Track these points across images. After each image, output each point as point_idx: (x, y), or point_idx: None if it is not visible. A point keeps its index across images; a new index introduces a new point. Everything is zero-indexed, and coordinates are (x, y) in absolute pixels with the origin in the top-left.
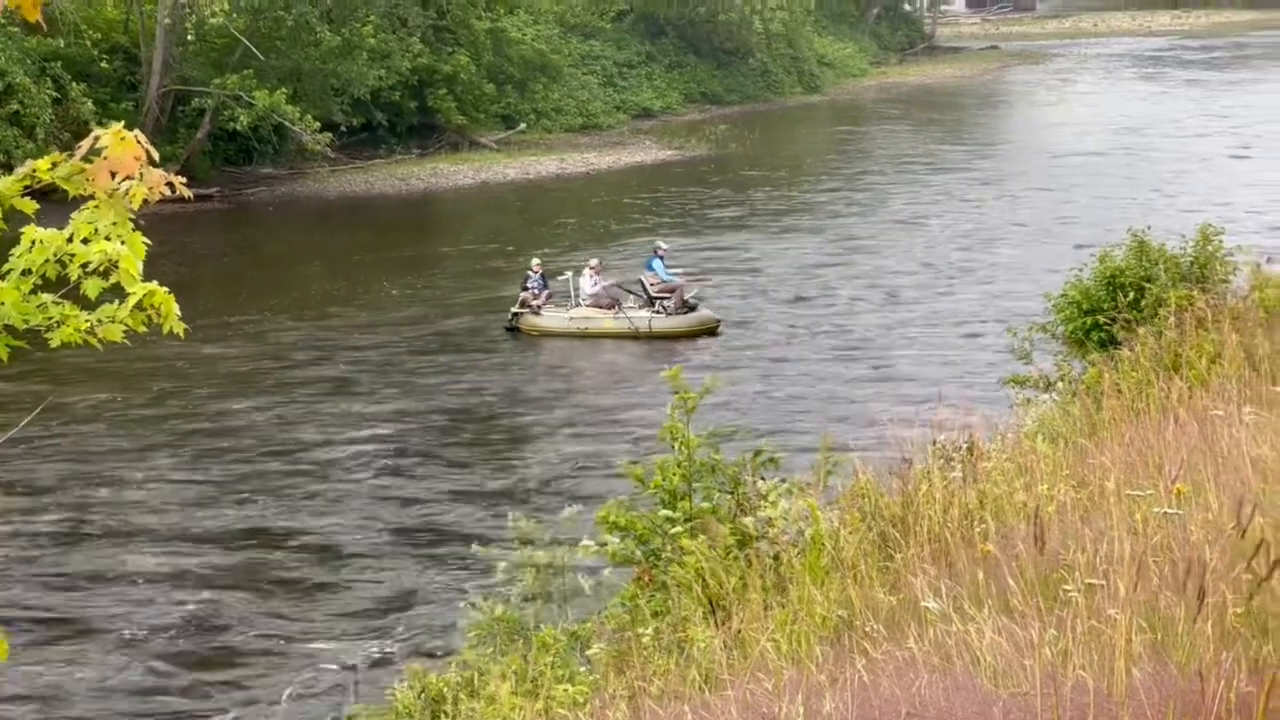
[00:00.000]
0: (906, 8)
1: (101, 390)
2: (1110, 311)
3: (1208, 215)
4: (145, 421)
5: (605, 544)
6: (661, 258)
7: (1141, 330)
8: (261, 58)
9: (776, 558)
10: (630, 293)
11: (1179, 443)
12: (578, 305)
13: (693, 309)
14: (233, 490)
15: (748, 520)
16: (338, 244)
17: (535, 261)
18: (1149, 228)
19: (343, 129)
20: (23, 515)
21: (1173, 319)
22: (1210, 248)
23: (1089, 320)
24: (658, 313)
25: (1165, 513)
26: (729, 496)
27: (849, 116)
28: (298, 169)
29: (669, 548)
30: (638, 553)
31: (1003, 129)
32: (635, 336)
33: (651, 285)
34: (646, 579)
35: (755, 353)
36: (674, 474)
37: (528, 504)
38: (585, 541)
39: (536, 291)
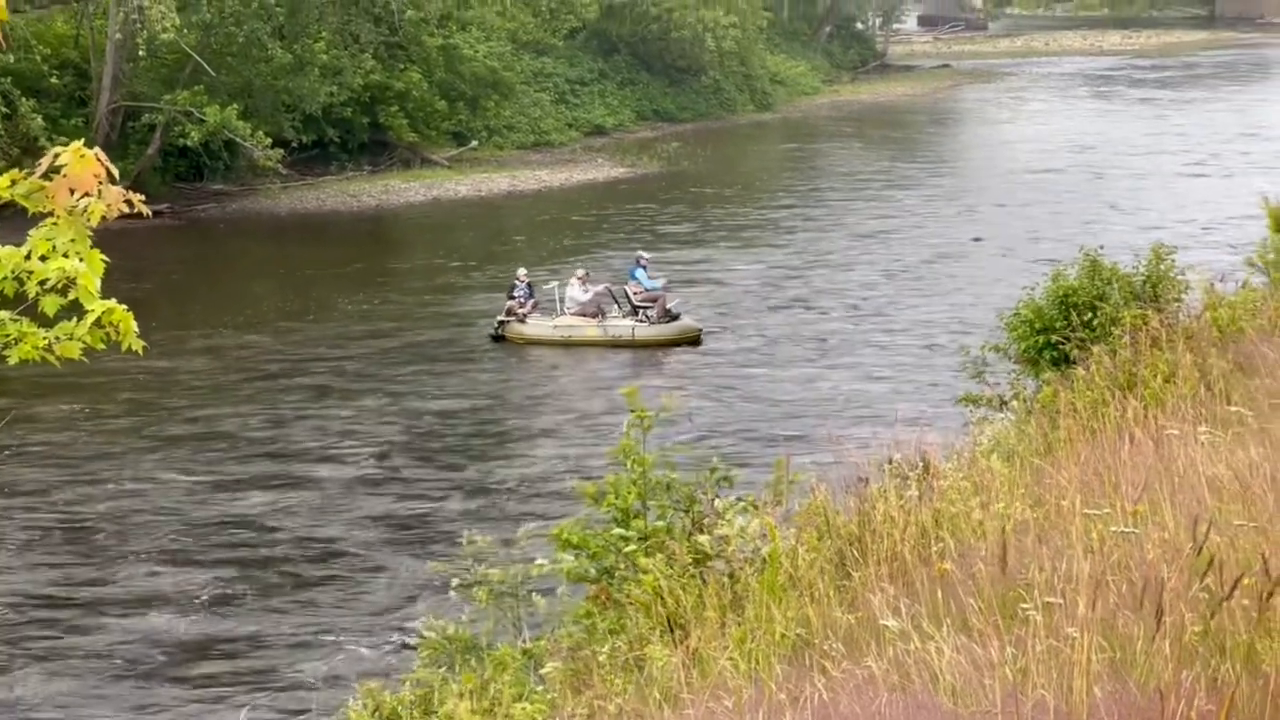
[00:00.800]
0: (859, 26)
1: (54, 403)
2: (1063, 330)
3: (1163, 233)
4: (104, 436)
5: (559, 562)
6: (644, 267)
7: (1096, 349)
8: (213, 73)
9: (732, 576)
10: (615, 301)
11: (1135, 462)
12: (563, 314)
13: (675, 318)
14: (188, 503)
15: (703, 539)
16: (290, 260)
17: (522, 271)
18: (1101, 247)
19: (294, 145)
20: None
21: (1127, 338)
22: (1162, 267)
23: (1042, 339)
24: (641, 322)
25: (1122, 532)
26: (684, 515)
27: (802, 134)
28: (249, 185)
29: (623, 565)
30: (592, 571)
31: (956, 146)
32: (619, 345)
33: (634, 294)
34: (604, 598)
35: (711, 369)
36: (628, 492)
37: (501, 515)
38: (540, 560)
39: (523, 300)
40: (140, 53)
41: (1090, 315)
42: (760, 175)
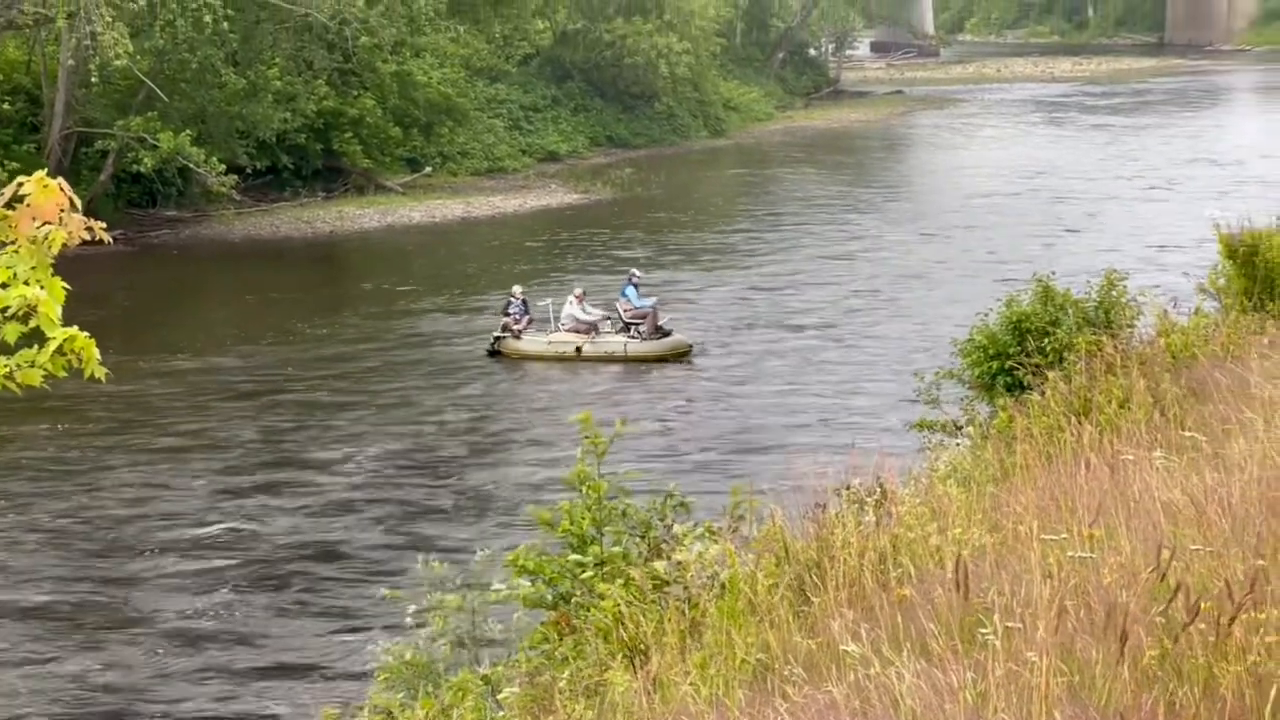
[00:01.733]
0: (811, 52)
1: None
2: (1017, 356)
3: (1117, 255)
4: (64, 458)
5: (516, 587)
6: (636, 285)
7: (1051, 375)
8: (166, 99)
9: (689, 601)
10: (608, 316)
11: (1091, 487)
12: (557, 330)
13: (666, 334)
14: (142, 526)
15: (659, 564)
16: (245, 286)
17: (517, 289)
18: (1054, 272)
19: (248, 171)
20: None
21: (1082, 364)
22: (1115, 292)
23: (996, 365)
24: (633, 338)
25: (1079, 556)
26: (640, 540)
27: (755, 160)
28: (202, 211)
29: (579, 591)
30: (548, 596)
31: (911, 172)
32: (611, 360)
33: (625, 311)
34: (564, 623)
35: (667, 394)
36: (583, 518)
37: (478, 531)
38: (497, 585)
39: (518, 317)
40: (93, 79)
41: (1044, 341)
42: (715, 200)
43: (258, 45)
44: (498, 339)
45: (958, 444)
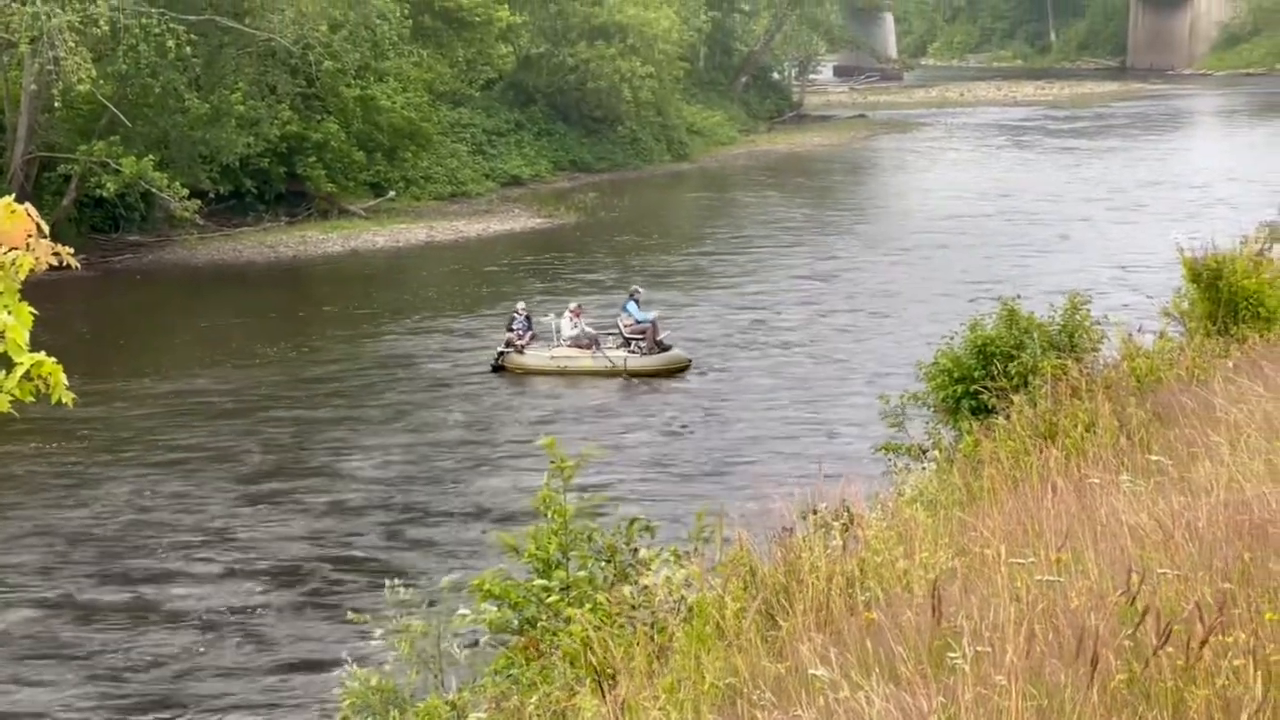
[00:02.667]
0: (775, 76)
1: None
2: (982, 380)
3: (1082, 276)
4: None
5: (482, 612)
6: (637, 300)
7: (1016, 399)
8: (129, 124)
9: (655, 625)
10: (609, 332)
11: (1058, 510)
12: (559, 345)
13: (666, 349)
14: (120, 548)
15: (626, 589)
16: (208, 310)
17: (520, 305)
18: (1018, 296)
19: (211, 196)
20: None
21: (1047, 388)
22: (1078, 316)
23: (960, 388)
24: (633, 352)
25: (1047, 580)
26: (606, 565)
27: (719, 183)
28: (166, 236)
29: (545, 616)
30: (514, 621)
31: (876, 194)
32: (612, 374)
33: (626, 326)
34: (532, 648)
35: (633, 418)
36: (549, 543)
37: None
38: (462, 610)
39: (521, 332)
40: (56, 103)
41: (1008, 365)
42: (680, 224)
43: (221, 70)
44: (502, 354)
45: (923, 468)
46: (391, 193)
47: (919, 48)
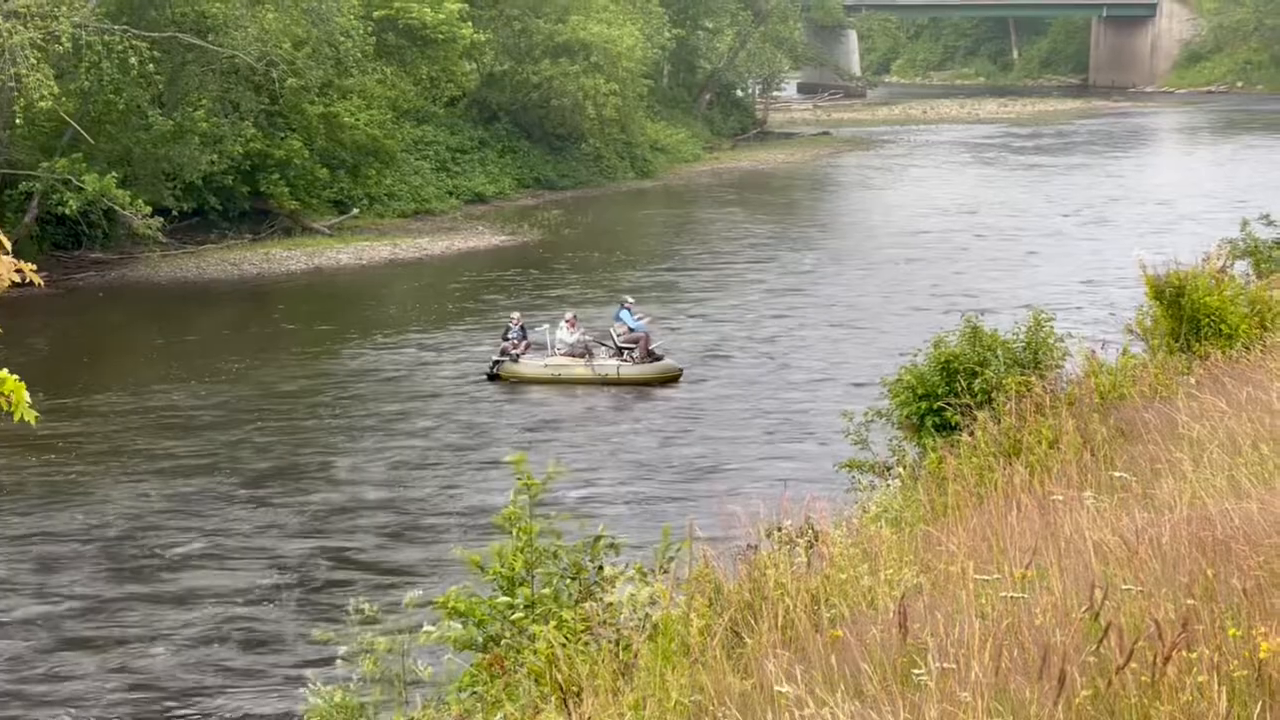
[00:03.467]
0: (739, 94)
1: None
2: (945, 397)
3: (1047, 290)
4: None
5: (447, 629)
6: (629, 310)
7: (980, 415)
8: (91, 141)
9: (619, 642)
10: (601, 344)
11: (1022, 527)
12: (553, 354)
13: (659, 359)
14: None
15: (591, 606)
16: (172, 328)
17: (515, 314)
18: (982, 313)
19: (174, 213)
20: None
21: (1011, 404)
22: (1042, 333)
23: (924, 405)
24: (626, 361)
25: (1011, 597)
26: (571, 582)
27: (683, 200)
28: (128, 254)
29: (509, 633)
30: (479, 638)
31: (840, 211)
32: (606, 383)
33: (619, 336)
34: (497, 666)
35: (596, 435)
36: (514, 560)
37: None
38: (427, 627)
39: (516, 341)
40: (17, 120)
41: (972, 381)
42: (643, 241)
43: (184, 87)
44: (496, 363)
45: (888, 484)
46: (355, 210)
47: (882, 65)
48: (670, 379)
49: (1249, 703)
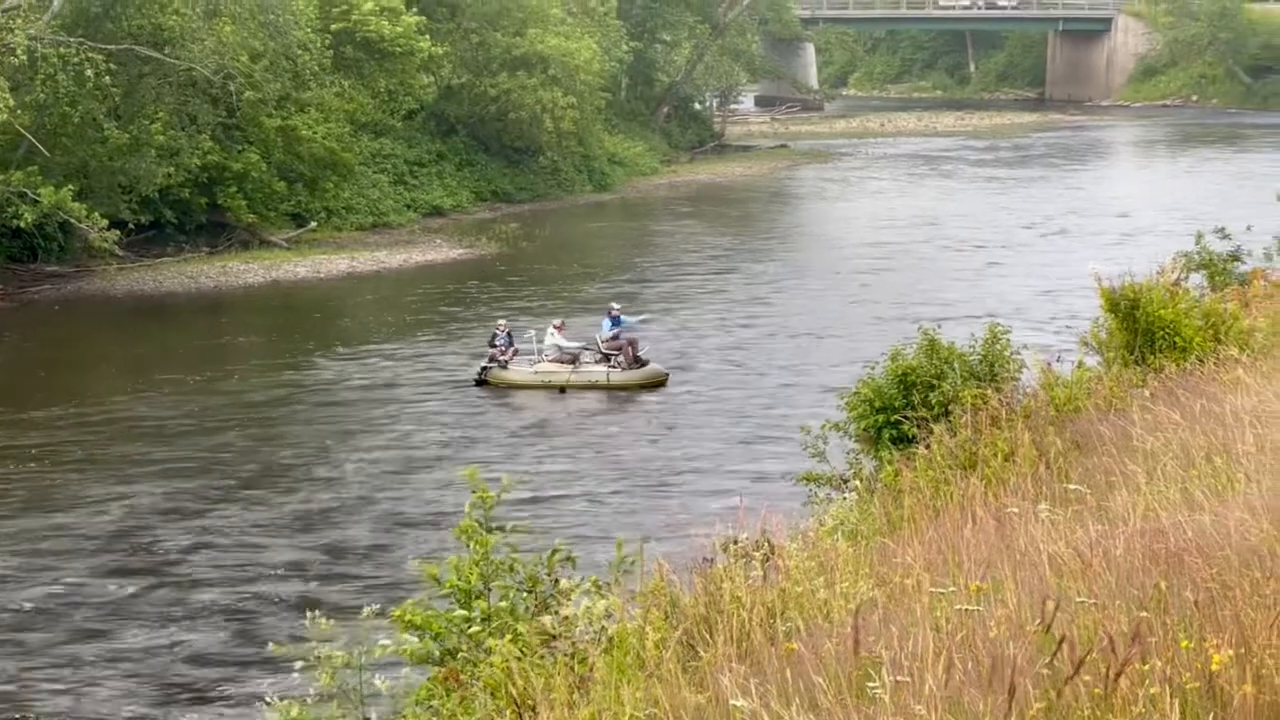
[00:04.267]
0: (696, 107)
1: None
2: (902, 409)
3: (1006, 307)
4: None
5: (403, 643)
6: (616, 318)
7: (937, 428)
8: (47, 154)
9: (575, 655)
10: (587, 349)
11: (978, 540)
12: (541, 360)
13: (644, 364)
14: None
15: (546, 619)
16: (129, 340)
17: (502, 322)
18: (939, 325)
19: (131, 226)
20: None
21: (967, 417)
22: (998, 346)
23: (881, 418)
24: (613, 367)
25: (966, 609)
26: (527, 595)
27: (641, 213)
28: (85, 267)
29: (465, 647)
30: (436, 652)
31: (799, 223)
32: (594, 388)
33: (604, 342)
34: (453, 680)
35: (556, 449)
36: (470, 573)
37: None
38: (384, 641)
39: (503, 348)
40: None
41: (929, 394)
42: (601, 253)
43: (141, 99)
44: (485, 369)
45: (844, 497)
46: (313, 223)
47: (840, 78)
48: (657, 383)
49: (1201, 715)
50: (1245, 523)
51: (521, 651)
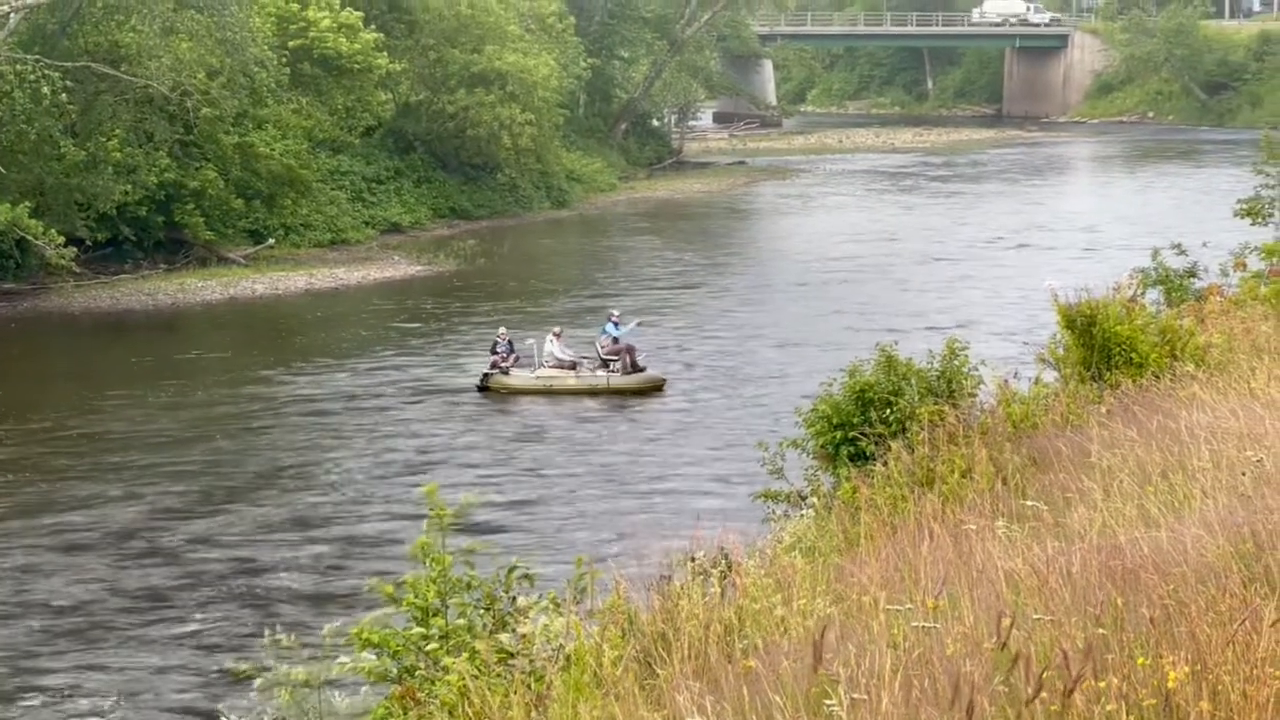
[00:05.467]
0: (654, 123)
1: None
2: (860, 426)
3: (963, 318)
4: None
5: (360, 661)
6: (616, 323)
7: (894, 445)
8: (3, 171)
9: (533, 674)
10: (585, 356)
11: (935, 557)
12: (541, 366)
13: (642, 370)
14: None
15: (504, 636)
16: (87, 358)
17: (502, 330)
18: (896, 341)
19: (88, 243)
20: None
21: (925, 434)
22: (956, 362)
23: (839, 435)
24: (613, 373)
25: (923, 626)
26: (485, 612)
27: (599, 230)
28: (41, 284)
29: (423, 665)
30: (393, 670)
31: (756, 239)
32: (594, 393)
33: (603, 348)
34: (410, 697)
35: (519, 465)
36: (427, 590)
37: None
38: (341, 658)
39: (505, 355)
40: None
41: (886, 411)
42: (560, 269)
43: (97, 116)
44: (487, 375)
45: (802, 514)
46: (271, 240)
47: (798, 95)
48: (654, 388)
49: None
50: (1201, 539)
51: (478, 670)
